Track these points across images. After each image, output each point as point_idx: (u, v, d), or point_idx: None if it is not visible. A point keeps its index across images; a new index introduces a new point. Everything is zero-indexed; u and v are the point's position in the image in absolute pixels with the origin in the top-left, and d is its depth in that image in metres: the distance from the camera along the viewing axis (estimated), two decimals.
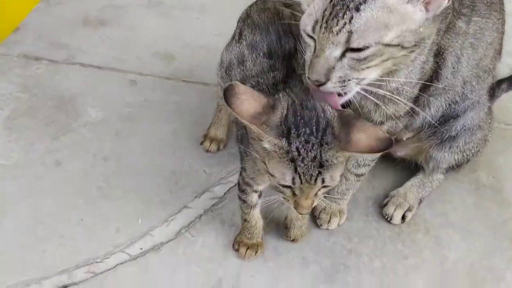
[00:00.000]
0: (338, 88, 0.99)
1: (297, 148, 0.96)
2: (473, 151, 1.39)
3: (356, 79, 0.99)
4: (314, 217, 1.40)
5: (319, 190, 1.02)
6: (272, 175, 1.01)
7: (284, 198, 1.05)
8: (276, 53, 1.17)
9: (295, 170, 0.97)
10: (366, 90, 1.03)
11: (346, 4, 0.94)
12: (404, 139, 1.39)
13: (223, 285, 1.27)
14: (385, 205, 1.43)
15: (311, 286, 1.28)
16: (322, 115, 0.99)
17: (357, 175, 1.33)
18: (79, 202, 1.39)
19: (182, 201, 1.42)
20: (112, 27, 1.93)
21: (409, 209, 1.42)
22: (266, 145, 0.98)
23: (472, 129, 1.34)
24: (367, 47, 0.95)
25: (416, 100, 1.20)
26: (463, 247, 1.38)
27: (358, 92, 1.03)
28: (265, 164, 1.01)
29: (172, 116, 1.63)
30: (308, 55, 1.00)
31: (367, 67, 0.98)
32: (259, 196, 1.24)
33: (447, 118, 1.30)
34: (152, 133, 1.58)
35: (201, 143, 1.55)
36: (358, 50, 0.95)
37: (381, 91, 1.05)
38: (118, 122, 1.60)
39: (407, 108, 1.19)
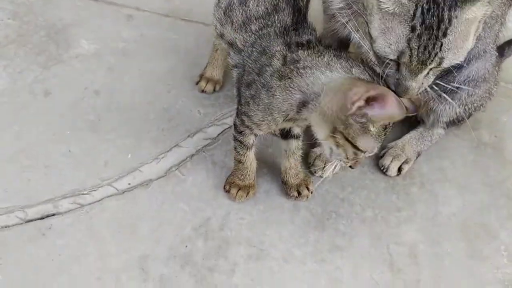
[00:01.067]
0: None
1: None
2: (475, 104, 1.34)
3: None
4: (308, 164, 1.36)
5: None
6: (364, 151, 1.03)
7: (345, 161, 1.08)
8: None
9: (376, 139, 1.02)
10: None
11: (433, 34, 0.94)
12: None
13: (210, 225, 1.25)
14: (382, 156, 1.39)
15: (301, 231, 1.26)
16: None
17: None
18: (67, 133, 1.35)
19: (174, 139, 1.38)
20: None
21: (406, 162, 1.38)
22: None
23: (477, 80, 1.29)
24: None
25: None
26: (458, 202, 1.35)
27: None
28: (350, 143, 1.02)
29: (169, 54, 1.57)
30: (389, 71, 1.02)
31: None
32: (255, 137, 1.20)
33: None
34: (147, 70, 1.52)
35: (197, 83, 1.49)
36: None
37: None
38: (111, 56, 1.54)
39: None
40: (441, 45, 0.95)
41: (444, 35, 0.95)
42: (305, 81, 1.03)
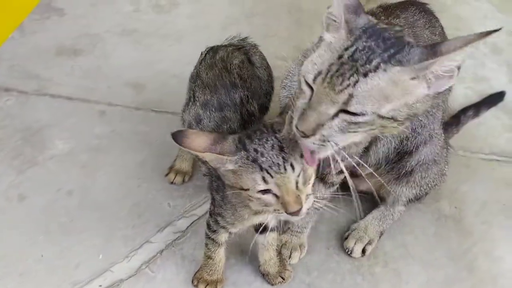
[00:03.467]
0: (315, 146, 0.96)
1: (254, 149, 0.99)
2: (430, 185, 1.41)
3: (336, 143, 0.96)
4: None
5: (297, 182, 1.00)
6: (247, 189, 1.01)
7: (275, 210, 1.03)
8: (226, 105, 1.20)
9: (261, 168, 0.98)
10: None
11: (356, 66, 0.91)
12: (363, 174, 1.40)
13: None
14: (346, 238, 1.44)
15: None
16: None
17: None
18: (40, 238, 1.40)
19: (144, 235, 1.43)
20: (86, 56, 1.95)
21: (369, 243, 1.43)
22: (230, 166, 1.00)
23: (428, 164, 1.36)
24: (363, 114, 0.92)
25: None
26: (422, 278, 1.39)
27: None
28: (240, 187, 1.02)
29: (140, 147, 1.65)
30: (301, 102, 0.96)
31: (354, 132, 0.95)
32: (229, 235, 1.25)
33: (401, 155, 1.32)
34: (118, 165, 1.59)
35: (166, 175, 1.56)
36: (353, 114, 0.93)
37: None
38: (84, 154, 1.62)
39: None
40: (356, 82, 0.91)
41: (365, 75, 0.91)
42: None
